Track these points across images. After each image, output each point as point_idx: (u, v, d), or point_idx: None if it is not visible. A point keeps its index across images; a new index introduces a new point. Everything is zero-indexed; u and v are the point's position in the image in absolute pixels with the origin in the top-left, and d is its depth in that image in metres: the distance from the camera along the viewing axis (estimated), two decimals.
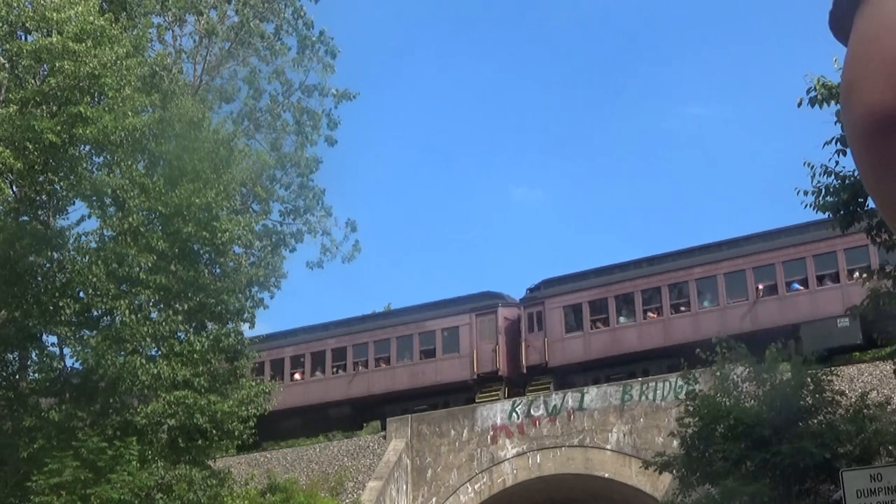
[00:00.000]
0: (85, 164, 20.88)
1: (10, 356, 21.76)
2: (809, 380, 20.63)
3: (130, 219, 20.16)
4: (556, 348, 34.56)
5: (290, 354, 38.47)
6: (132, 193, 20.41)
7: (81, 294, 20.39)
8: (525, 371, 35.22)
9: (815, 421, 20.34)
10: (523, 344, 35.23)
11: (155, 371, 19.69)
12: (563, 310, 34.73)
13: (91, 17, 19.84)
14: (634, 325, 33.79)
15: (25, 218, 20.98)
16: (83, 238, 21.28)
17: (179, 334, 20.87)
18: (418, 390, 36.19)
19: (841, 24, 1.22)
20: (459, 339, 36.26)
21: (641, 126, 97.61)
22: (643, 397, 30.67)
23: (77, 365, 21.09)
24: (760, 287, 32.17)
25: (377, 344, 37.72)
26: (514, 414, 32.57)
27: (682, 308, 33.42)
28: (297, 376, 38.46)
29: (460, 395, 35.84)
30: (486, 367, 35.68)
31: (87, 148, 20.91)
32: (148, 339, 20.02)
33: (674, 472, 21.99)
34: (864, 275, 18.92)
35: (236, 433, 21.11)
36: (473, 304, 36.79)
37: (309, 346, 38.47)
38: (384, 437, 34.46)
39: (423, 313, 37.79)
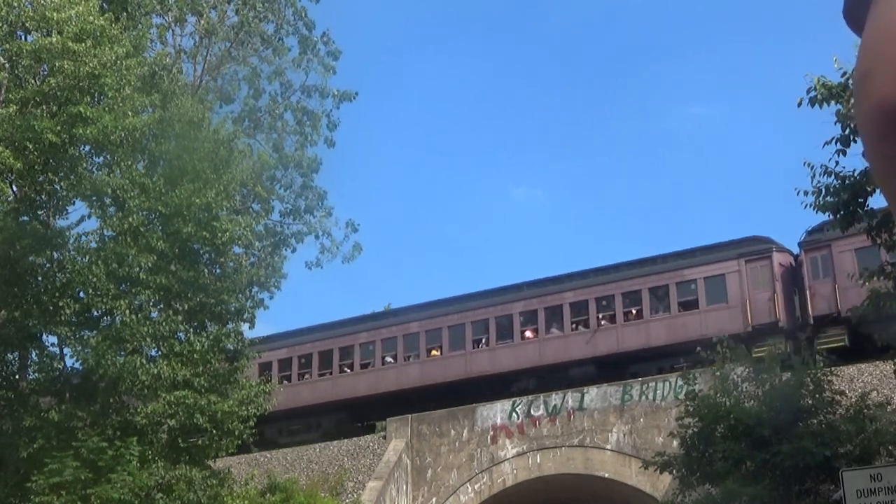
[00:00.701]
0: (85, 164, 20.87)
1: (10, 356, 21.76)
2: (809, 380, 20.63)
3: (130, 219, 20.17)
4: (851, 294, 29.35)
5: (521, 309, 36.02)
6: (132, 193, 20.41)
7: (81, 294, 20.39)
8: (812, 322, 31.69)
9: (815, 421, 20.34)
10: (808, 292, 31.90)
11: (155, 371, 19.70)
12: (854, 252, 30.16)
13: (91, 17, 19.84)
14: None
15: (25, 218, 20.97)
16: (83, 238, 21.30)
17: (179, 334, 20.87)
18: (677, 346, 31.43)
19: (855, 15, 1.21)
20: (727, 288, 33.15)
21: (642, 125, 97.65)
22: (643, 397, 30.68)
23: (77, 365, 21.11)
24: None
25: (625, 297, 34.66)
26: (514, 414, 32.59)
27: None
28: (528, 334, 35.97)
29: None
30: (761, 319, 32.38)
31: (87, 148, 20.91)
32: (148, 339, 20.02)
33: (674, 472, 21.99)
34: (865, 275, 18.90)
35: (236, 433, 21.12)
36: (740, 249, 33.52)
37: (543, 300, 35.63)
38: (384, 437, 34.48)
39: (678, 261, 34.54)
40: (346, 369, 38.67)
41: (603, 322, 34.90)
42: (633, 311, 34.69)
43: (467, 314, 36.88)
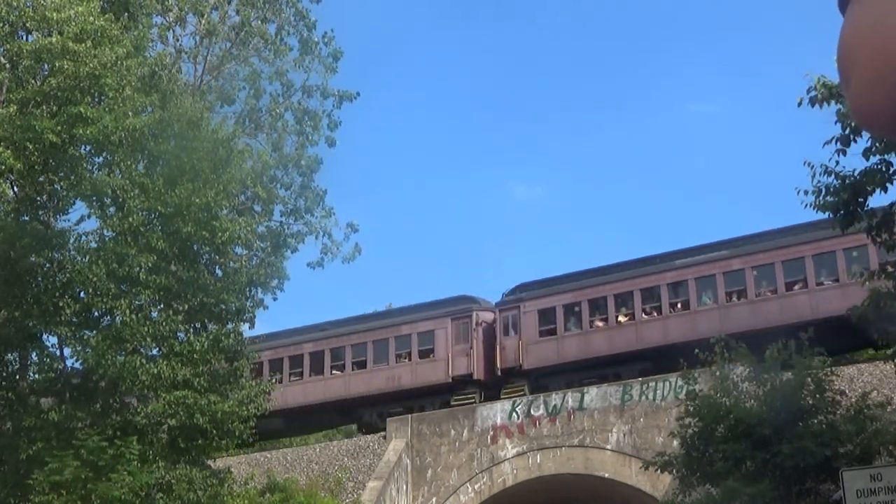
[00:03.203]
0: (85, 164, 20.86)
1: (10, 356, 21.75)
2: (810, 380, 20.63)
3: (130, 219, 20.16)
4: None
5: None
6: (132, 193, 20.41)
7: (81, 294, 20.37)
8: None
9: (816, 421, 20.34)
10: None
11: (155, 371, 19.70)
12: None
13: (91, 18, 19.83)
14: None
15: (25, 218, 20.96)
16: (83, 238, 21.29)
17: (179, 334, 20.87)
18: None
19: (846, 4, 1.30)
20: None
21: (643, 123, 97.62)
22: (643, 397, 30.68)
23: (77, 365, 21.10)
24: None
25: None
26: (514, 414, 32.59)
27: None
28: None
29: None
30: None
31: (88, 148, 20.90)
32: (148, 339, 20.02)
33: (674, 472, 21.99)
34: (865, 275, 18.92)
35: (237, 433, 21.13)
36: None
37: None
38: (384, 437, 34.47)
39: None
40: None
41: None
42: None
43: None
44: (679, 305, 33.46)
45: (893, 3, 1.19)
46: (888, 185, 16.09)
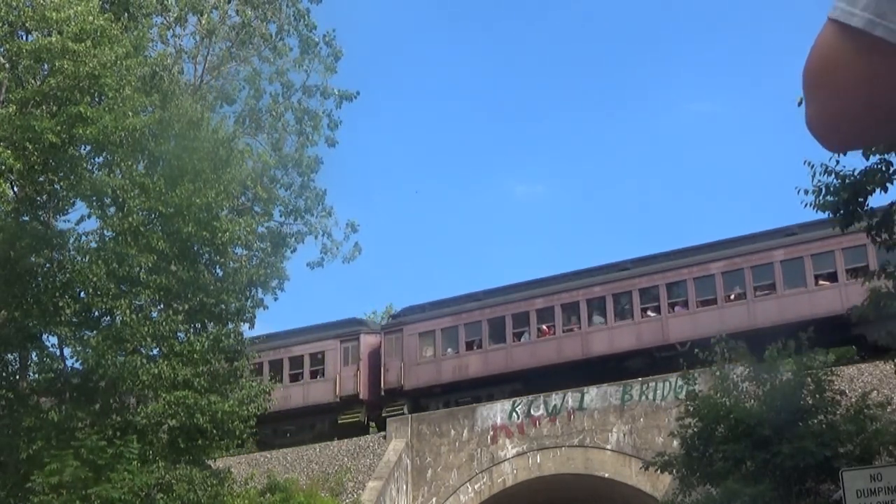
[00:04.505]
0: (85, 165, 20.85)
1: (10, 356, 21.75)
2: (810, 380, 20.63)
3: (130, 219, 20.15)
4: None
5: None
6: (132, 193, 20.40)
7: (81, 294, 20.36)
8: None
9: (816, 421, 20.34)
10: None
11: (155, 371, 19.70)
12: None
13: (91, 17, 19.83)
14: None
15: (25, 218, 20.95)
16: (83, 238, 21.28)
17: (179, 334, 20.87)
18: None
19: None
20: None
21: (644, 122, 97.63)
22: (643, 397, 30.70)
23: (77, 365, 21.08)
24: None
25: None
26: (514, 414, 32.60)
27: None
28: None
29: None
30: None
31: (87, 148, 20.89)
32: (148, 339, 20.02)
33: (674, 472, 21.99)
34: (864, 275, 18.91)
35: (237, 433, 21.13)
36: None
37: None
38: (384, 437, 34.49)
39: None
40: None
41: None
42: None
43: None
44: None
45: (824, 29, 1.34)
46: (888, 184, 16.08)
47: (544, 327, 34.94)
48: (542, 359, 34.11)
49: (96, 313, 20.64)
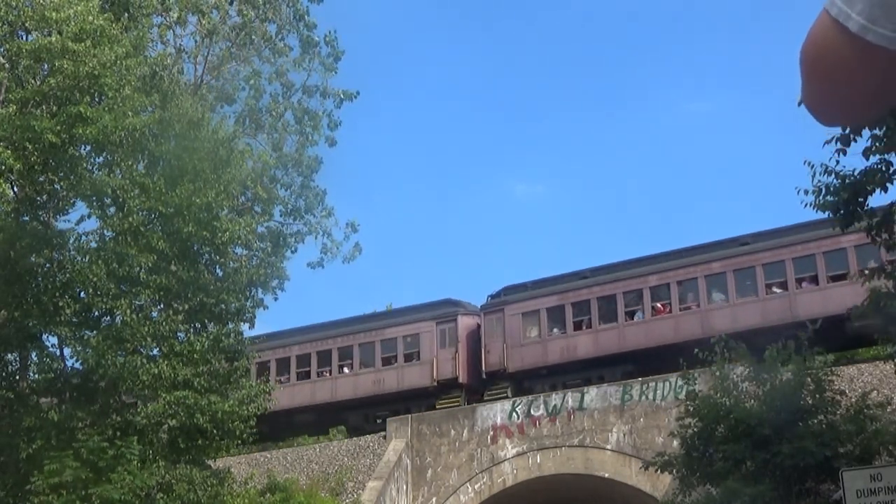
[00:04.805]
0: (85, 164, 20.84)
1: (10, 356, 21.74)
2: (810, 380, 20.63)
3: (130, 219, 20.15)
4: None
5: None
6: (132, 193, 20.40)
7: (81, 294, 20.36)
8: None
9: (816, 421, 20.34)
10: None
11: (155, 371, 19.70)
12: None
13: (90, 17, 19.82)
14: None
15: (25, 218, 20.95)
16: (83, 238, 21.28)
17: (179, 334, 20.87)
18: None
19: None
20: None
21: (644, 121, 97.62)
22: (643, 397, 30.70)
23: (77, 365, 21.08)
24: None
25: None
26: (514, 414, 32.60)
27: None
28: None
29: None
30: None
31: (87, 148, 20.88)
32: (148, 339, 20.02)
33: (674, 472, 21.99)
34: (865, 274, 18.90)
35: (237, 433, 21.13)
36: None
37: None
38: (384, 437, 34.48)
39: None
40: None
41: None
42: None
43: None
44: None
45: (821, 19, 1.50)
46: (888, 184, 16.08)
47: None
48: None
49: (96, 313, 20.64)
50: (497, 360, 35.23)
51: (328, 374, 38.47)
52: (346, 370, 38.23)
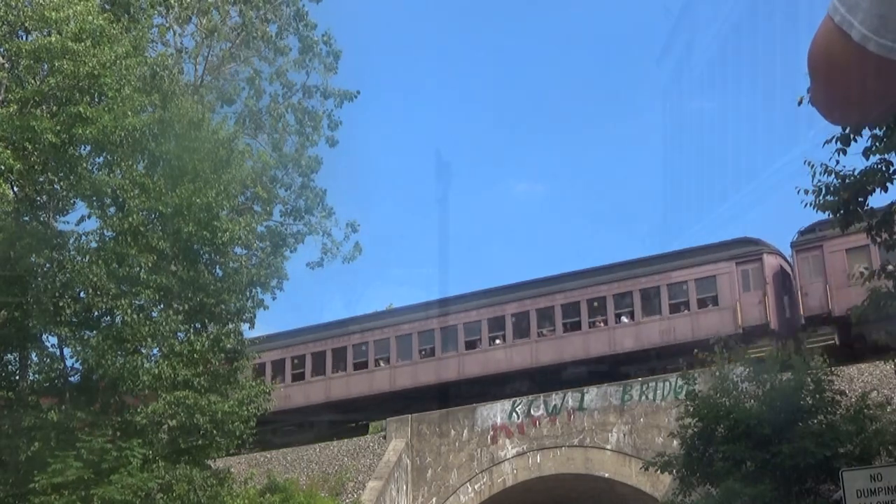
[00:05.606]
0: (85, 164, 20.85)
1: (10, 356, 21.75)
2: (809, 380, 20.62)
3: (130, 219, 20.16)
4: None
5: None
6: (132, 193, 20.40)
7: (82, 294, 20.37)
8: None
9: (816, 421, 20.34)
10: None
11: (155, 371, 19.71)
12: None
13: (90, 17, 19.83)
14: None
15: (25, 218, 20.96)
16: (83, 238, 21.28)
17: (179, 334, 20.88)
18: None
19: None
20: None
21: (643, 123, 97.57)
22: (643, 397, 30.69)
23: (77, 365, 21.09)
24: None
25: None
26: (514, 414, 32.59)
27: None
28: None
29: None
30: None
31: (87, 148, 20.90)
32: (148, 339, 20.03)
33: (674, 472, 21.98)
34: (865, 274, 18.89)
35: (237, 433, 21.14)
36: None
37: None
38: (384, 437, 34.48)
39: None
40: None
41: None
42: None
43: None
44: None
45: (826, 24, 1.57)
46: (888, 184, 16.07)
47: None
48: None
49: (96, 313, 20.65)
50: (818, 302, 31.37)
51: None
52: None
